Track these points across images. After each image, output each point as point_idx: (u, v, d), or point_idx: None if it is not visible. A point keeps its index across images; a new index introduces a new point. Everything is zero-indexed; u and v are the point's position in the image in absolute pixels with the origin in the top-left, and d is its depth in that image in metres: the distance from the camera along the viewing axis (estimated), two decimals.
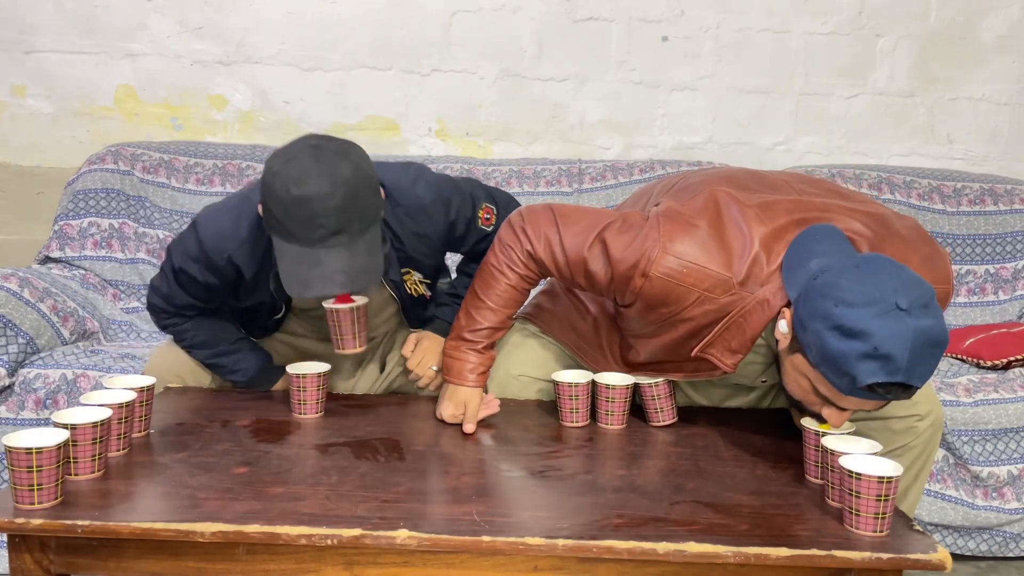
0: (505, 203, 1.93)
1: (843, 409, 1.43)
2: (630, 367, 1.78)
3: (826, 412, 1.44)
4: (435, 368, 1.86)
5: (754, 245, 1.51)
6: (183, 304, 1.83)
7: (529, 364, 1.88)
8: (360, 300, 1.75)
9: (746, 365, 1.65)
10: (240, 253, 1.72)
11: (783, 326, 1.45)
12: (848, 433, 1.48)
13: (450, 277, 2.10)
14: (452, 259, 2.19)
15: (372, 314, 1.89)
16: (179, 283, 1.79)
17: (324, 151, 1.55)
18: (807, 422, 1.48)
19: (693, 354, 1.57)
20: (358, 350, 1.72)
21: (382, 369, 2.05)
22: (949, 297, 1.57)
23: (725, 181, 1.63)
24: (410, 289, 1.89)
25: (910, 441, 1.70)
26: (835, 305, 1.33)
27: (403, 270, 1.85)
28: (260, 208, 1.60)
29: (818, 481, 1.47)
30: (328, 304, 1.75)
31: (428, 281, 1.92)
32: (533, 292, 1.97)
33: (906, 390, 1.33)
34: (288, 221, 1.53)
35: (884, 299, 1.30)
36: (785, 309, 1.46)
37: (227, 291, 1.82)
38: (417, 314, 1.96)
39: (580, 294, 1.89)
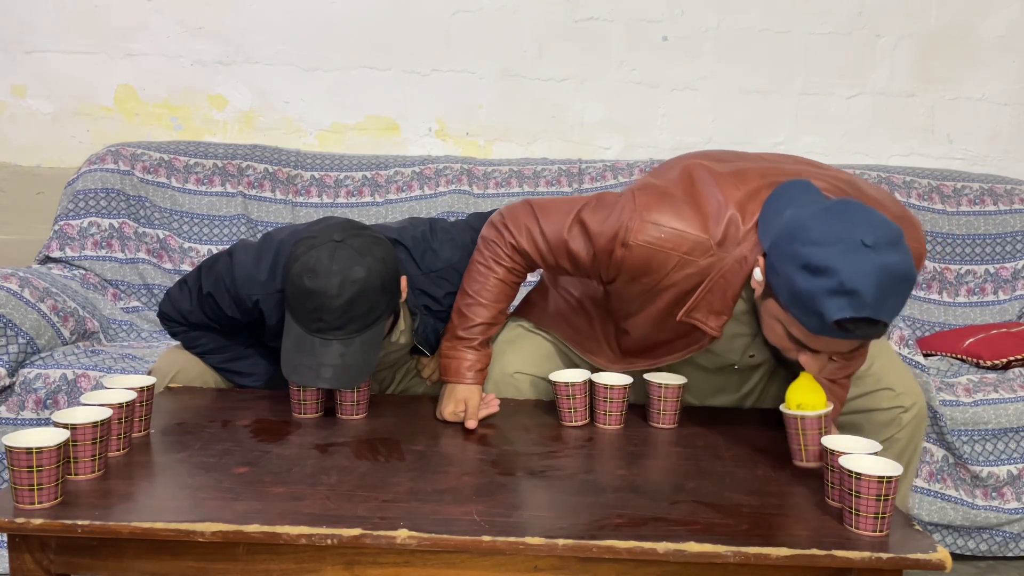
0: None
1: (817, 352, 1.45)
2: (626, 354, 1.79)
3: (803, 359, 1.47)
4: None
5: (729, 207, 1.54)
6: (199, 323, 1.84)
7: (525, 361, 1.89)
8: None
9: (733, 339, 1.66)
10: (268, 301, 1.75)
11: (757, 274, 1.48)
12: (826, 413, 1.49)
13: None
14: None
15: (391, 351, 1.91)
16: (203, 306, 1.81)
17: (344, 248, 1.60)
18: (786, 407, 1.50)
19: (679, 318, 1.59)
20: (355, 417, 1.74)
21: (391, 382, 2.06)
22: (922, 257, 1.59)
23: (699, 156, 1.67)
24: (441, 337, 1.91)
25: (895, 433, 1.74)
26: (803, 245, 1.36)
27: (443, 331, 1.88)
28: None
29: (804, 464, 1.49)
30: None
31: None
32: (523, 292, 1.98)
33: (873, 325, 1.35)
34: (296, 306, 1.61)
35: (850, 237, 1.33)
36: (760, 258, 1.49)
37: (248, 328, 1.84)
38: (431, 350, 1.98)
39: (570, 288, 1.90)
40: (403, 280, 1.72)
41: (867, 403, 1.77)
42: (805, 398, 1.52)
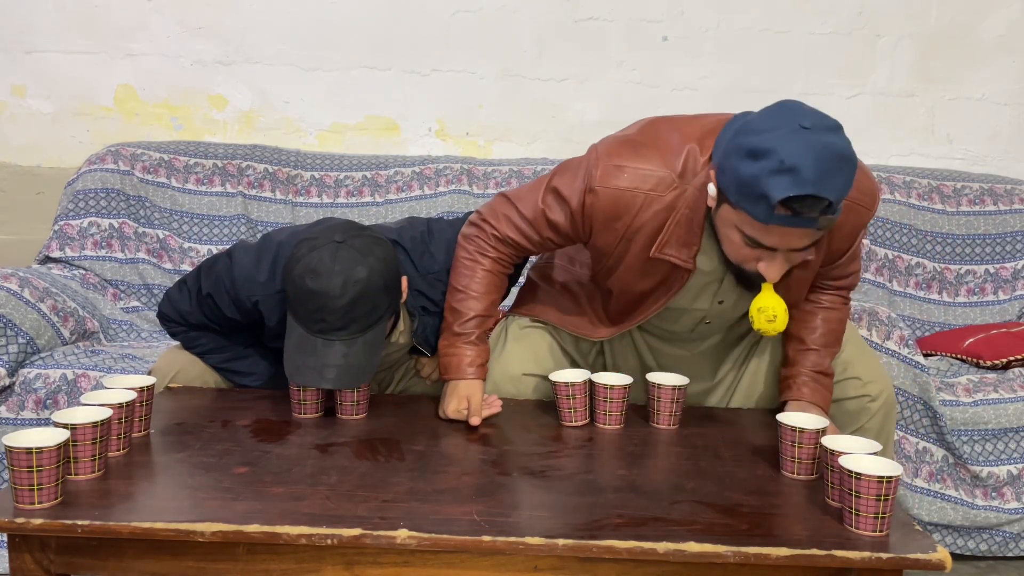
0: None
1: (773, 252, 1.48)
2: (612, 320, 1.82)
3: (762, 267, 1.51)
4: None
5: (688, 142, 1.61)
6: (198, 324, 1.84)
7: (528, 360, 1.89)
8: None
9: (703, 288, 1.70)
10: (267, 302, 1.75)
11: (711, 188, 1.52)
12: (824, 428, 1.49)
13: None
14: None
15: (391, 352, 1.92)
16: (202, 307, 1.81)
17: (346, 249, 1.61)
18: (783, 418, 1.50)
19: (651, 254, 1.63)
20: (355, 417, 1.74)
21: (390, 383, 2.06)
22: (875, 206, 1.65)
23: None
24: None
25: (865, 423, 1.77)
26: (745, 136, 1.42)
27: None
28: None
29: (794, 477, 1.48)
30: None
31: None
32: (514, 293, 2.01)
33: (818, 202, 1.38)
34: (298, 307, 1.61)
35: (789, 123, 1.40)
36: (711, 172, 1.53)
37: (247, 329, 1.84)
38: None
39: (556, 277, 1.92)
40: (404, 280, 1.72)
41: (835, 392, 1.80)
42: (766, 302, 1.55)
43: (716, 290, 1.72)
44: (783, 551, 1.21)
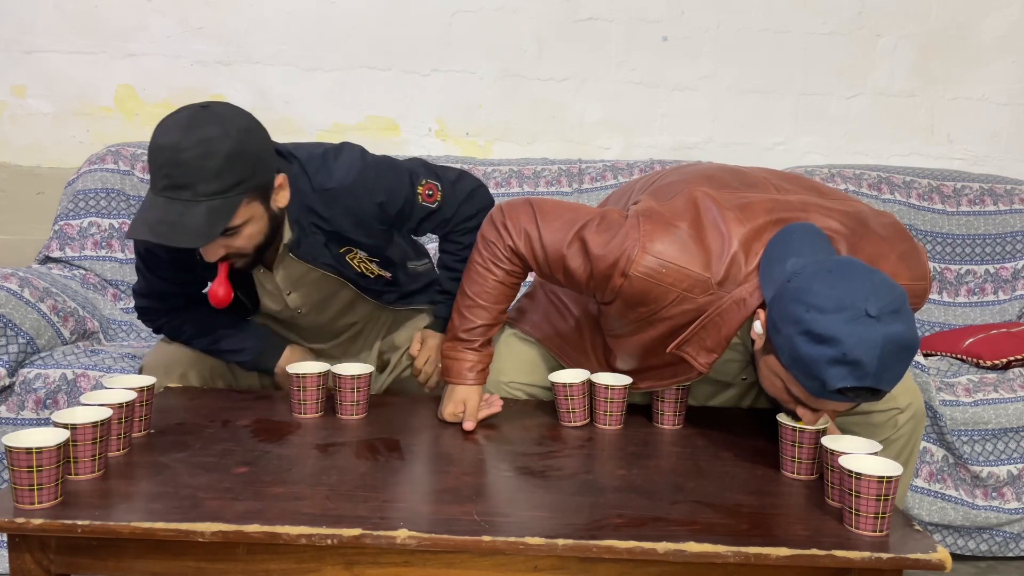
0: (454, 181, 1.89)
1: (816, 409, 1.45)
2: (612, 370, 1.79)
3: (800, 411, 1.46)
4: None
5: (733, 245, 1.51)
6: (163, 291, 1.83)
7: (518, 369, 1.88)
8: (363, 369, 1.74)
9: (726, 363, 1.66)
10: None
11: (758, 327, 1.46)
12: (824, 428, 1.49)
13: (428, 259, 2.12)
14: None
15: (330, 305, 1.91)
16: (148, 267, 1.80)
17: (206, 112, 1.57)
18: (783, 418, 1.50)
19: (669, 350, 1.58)
20: (355, 417, 1.73)
21: (383, 368, 2.06)
22: (927, 293, 1.59)
23: (704, 180, 1.64)
24: (359, 268, 1.86)
25: (891, 435, 1.73)
26: (806, 310, 1.34)
27: (342, 248, 1.82)
28: None
29: (794, 477, 1.48)
30: (334, 369, 1.73)
31: (377, 259, 1.88)
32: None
33: (875, 394, 1.35)
34: (150, 167, 1.57)
35: (854, 305, 1.31)
36: (760, 310, 1.47)
37: (188, 268, 1.78)
38: (387, 297, 1.95)
39: (562, 295, 1.90)
40: (281, 177, 1.66)
41: (863, 405, 1.76)
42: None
43: (741, 369, 1.69)
44: (783, 551, 1.21)
